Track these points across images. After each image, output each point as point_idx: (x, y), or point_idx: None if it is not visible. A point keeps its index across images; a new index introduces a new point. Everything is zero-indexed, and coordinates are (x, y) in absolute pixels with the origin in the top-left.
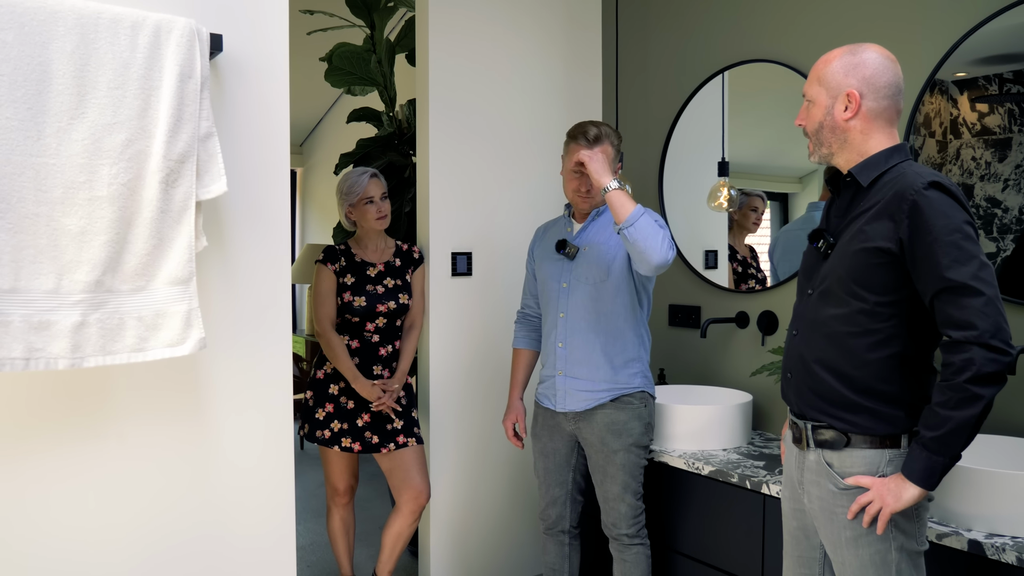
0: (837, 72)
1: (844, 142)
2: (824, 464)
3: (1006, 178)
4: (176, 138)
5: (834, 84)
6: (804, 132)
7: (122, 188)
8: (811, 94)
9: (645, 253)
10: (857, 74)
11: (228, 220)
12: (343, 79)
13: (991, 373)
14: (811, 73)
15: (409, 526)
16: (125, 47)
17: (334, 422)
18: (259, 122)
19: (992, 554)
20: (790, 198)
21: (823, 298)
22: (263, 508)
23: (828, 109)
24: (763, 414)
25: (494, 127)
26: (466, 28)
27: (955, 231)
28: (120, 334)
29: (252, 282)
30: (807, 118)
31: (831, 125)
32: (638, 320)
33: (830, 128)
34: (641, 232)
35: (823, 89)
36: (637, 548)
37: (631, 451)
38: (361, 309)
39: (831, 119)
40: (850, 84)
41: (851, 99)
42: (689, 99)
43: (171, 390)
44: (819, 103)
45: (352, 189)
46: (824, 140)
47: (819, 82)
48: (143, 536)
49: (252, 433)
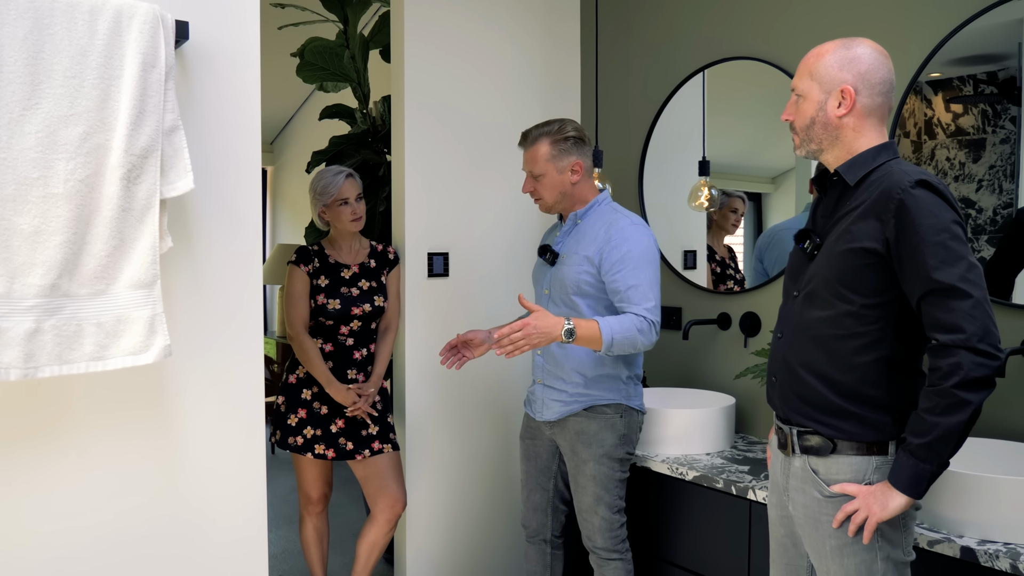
0: (831, 66)
1: (835, 139)
2: (810, 471)
3: (980, 179)
4: (138, 131)
5: (828, 79)
6: (791, 127)
7: (80, 184)
8: (802, 88)
9: (635, 352)
10: (852, 69)
11: (195, 219)
12: (315, 75)
13: (979, 378)
14: (801, 67)
15: (385, 535)
16: (83, 33)
17: (307, 428)
18: (228, 115)
19: (985, 561)
20: (763, 198)
21: (808, 300)
22: (234, 519)
23: (821, 104)
24: (746, 417)
25: (472, 125)
26: (443, 23)
27: (943, 231)
28: (78, 342)
29: (221, 285)
30: (796, 113)
31: (823, 121)
32: None
33: (822, 124)
34: (621, 347)
35: (815, 84)
36: (616, 563)
37: (602, 462)
38: (335, 312)
39: (823, 115)
40: (845, 79)
41: (845, 95)
42: (670, 97)
43: (134, 401)
44: (811, 98)
45: (326, 189)
46: (814, 136)
47: (811, 76)
48: (107, 552)
49: (222, 444)
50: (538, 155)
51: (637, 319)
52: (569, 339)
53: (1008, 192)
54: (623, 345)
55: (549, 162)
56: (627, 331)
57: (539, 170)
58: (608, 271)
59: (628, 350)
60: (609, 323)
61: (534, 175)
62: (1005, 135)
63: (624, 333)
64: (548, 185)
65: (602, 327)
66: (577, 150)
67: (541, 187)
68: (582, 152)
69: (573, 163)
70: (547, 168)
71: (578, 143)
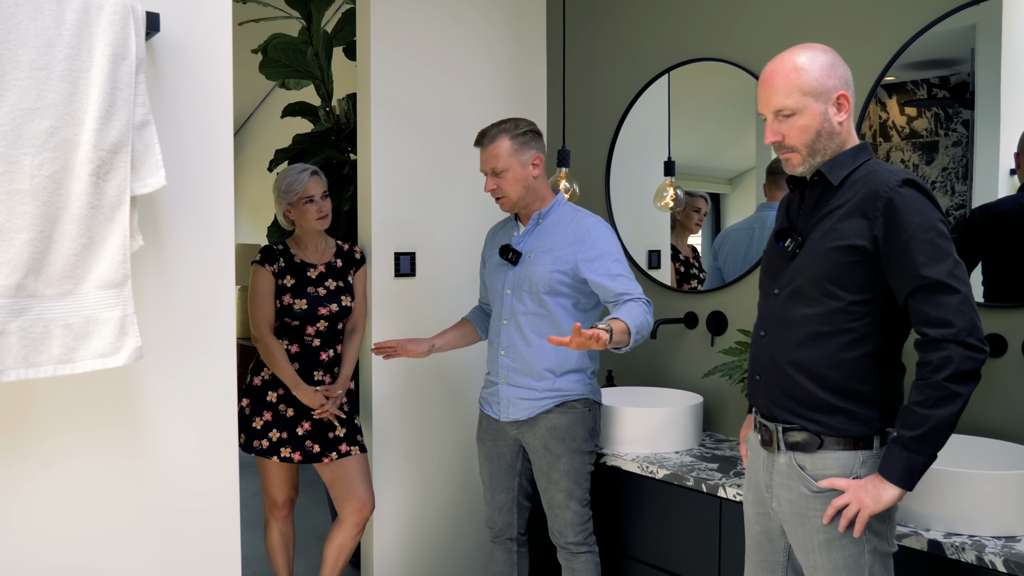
0: (819, 76)
1: (837, 146)
2: (796, 467)
3: (933, 181)
4: (108, 126)
5: (821, 89)
6: (780, 146)
7: (46, 181)
8: (793, 105)
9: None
10: (836, 74)
11: (166, 217)
12: (278, 71)
13: (968, 371)
14: (780, 84)
15: (352, 539)
16: (49, 23)
17: (272, 431)
18: (201, 110)
19: (952, 554)
20: (721, 199)
21: (793, 298)
22: (206, 521)
23: (823, 115)
24: (714, 415)
25: (438, 125)
26: (409, 21)
27: (930, 229)
28: (45, 344)
29: (192, 284)
30: (791, 130)
31: (829, 131)
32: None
33: (828, 135)
34: (641, 334)
35: (809, 98)
36: (585, 556)
37: (574, 457)
38: (302, 312)
39: (828, 125)
40: (836, 86)
41: (843, 101)
42: (636, 98)
43: (104, 404)
44: (810, 112)
45: (291, 188)
46: (820, 148)
47: (801, 91)
48: (73, 557)
49: (193, 447)
50: (500, 151)
51: (638, 304)
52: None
53: (961, 193)
54: (642, 333)
55: (512, 156)
56: (639, 317)
57: (502, 166)
58: (588, 269)
59: (645, 336)
60: (627, 315)
61: (496, 172)
62: (957, 138)
63: (639, 320)
64: (512, 180)
65: (625, 321)
66: (536, 143)
67: (505, 183)
68: (539, 146)
69: (534, 156)
70: (510, 163)
71: (535, 136)
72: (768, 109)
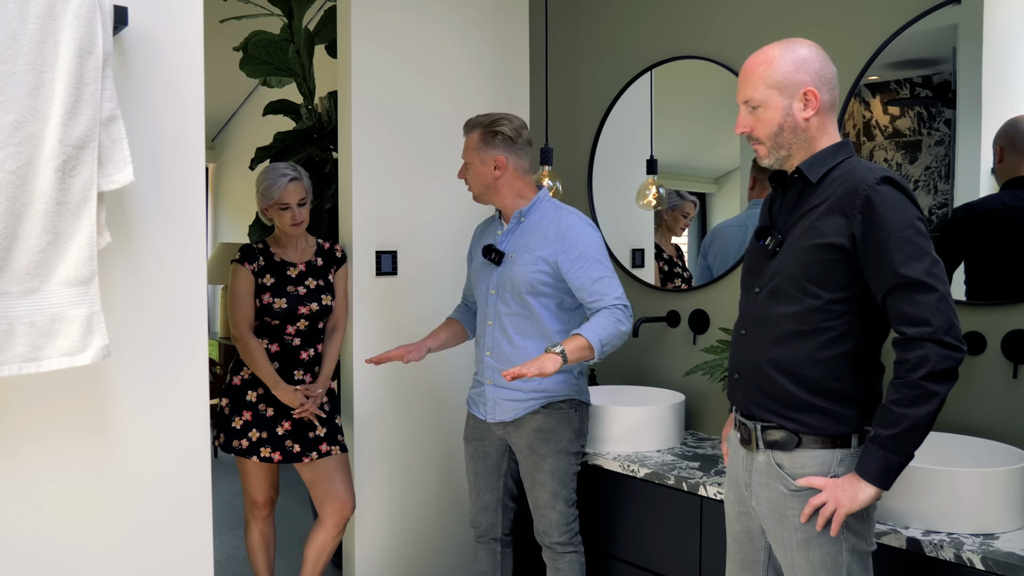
0: (787, 71)
1: (804, 141)
2: (774, 465)
3: (916, 180)
4: (74, 121)
5: (787, 83)
6: (749, 137)
7: (10, 176)
8: (759, 98)
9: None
10: (807, 70)
11: (135, 213)
12: (259, 69)
13: (945, 369)
14: (750, 76)
15: (333, 539)
16: (13, 16)
17: (252, 431)
18: (170, 105)
19: (930, 551)
20: (707, 198)
21: (773, 296)
22: (178, 523)
23: (787, 109)
24: (695, 413)
25: (420, 123)
26: (390, 18)
27: (908, 227)
28: (9, 342)
29: (163, 282)
30: (756, 122)
31: (792, 126)
32: (568, 329)
33: (791, 129)
34: (611, 346)
35: (774, 91)
36: (570, 556)
37: (560, 457)
38: (282, 311)
39: (792, 120)
40: (804, 81)
41: (809, 96)
42: (618, 96)
43: (71, 404)
44: (773, 105)
45: (268, 191)
46: (783, 142)
47: (766, 84)
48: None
49: (165, 447)
50: (469, 143)
51: (610, 312)
52: (566, 362)
53: (943, 192)
54: (611, 343)
55: (474, 152)
56: (607, 328)
57: (466, 158)
58: (569, 270)
59: (617, 344)
60: (591, 329)
61: (464, 162)
62: (940, 137)
63: (606, 331)
64: (472, 175)
65: (586, 336)
66: (504, 147)
67: (468, 176)
68: (510, 150)
69: (496, 158)
70: (472, 158)
71: (507, 141)
72: (739, 99)
